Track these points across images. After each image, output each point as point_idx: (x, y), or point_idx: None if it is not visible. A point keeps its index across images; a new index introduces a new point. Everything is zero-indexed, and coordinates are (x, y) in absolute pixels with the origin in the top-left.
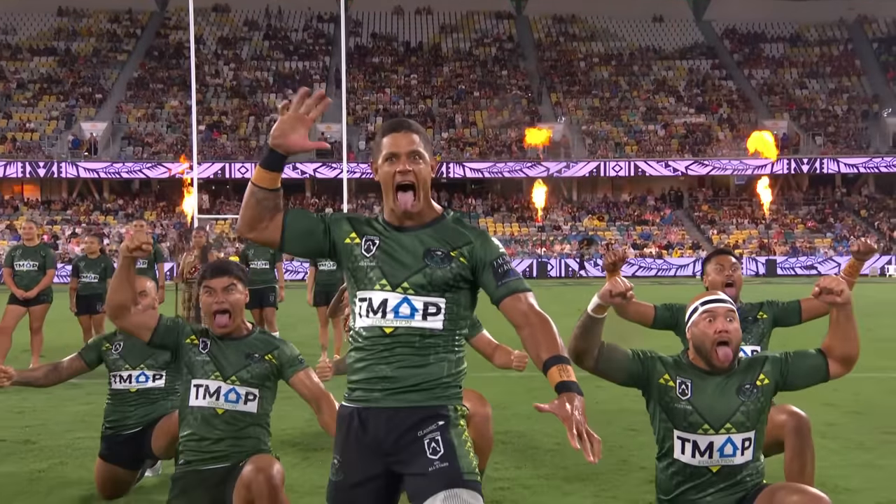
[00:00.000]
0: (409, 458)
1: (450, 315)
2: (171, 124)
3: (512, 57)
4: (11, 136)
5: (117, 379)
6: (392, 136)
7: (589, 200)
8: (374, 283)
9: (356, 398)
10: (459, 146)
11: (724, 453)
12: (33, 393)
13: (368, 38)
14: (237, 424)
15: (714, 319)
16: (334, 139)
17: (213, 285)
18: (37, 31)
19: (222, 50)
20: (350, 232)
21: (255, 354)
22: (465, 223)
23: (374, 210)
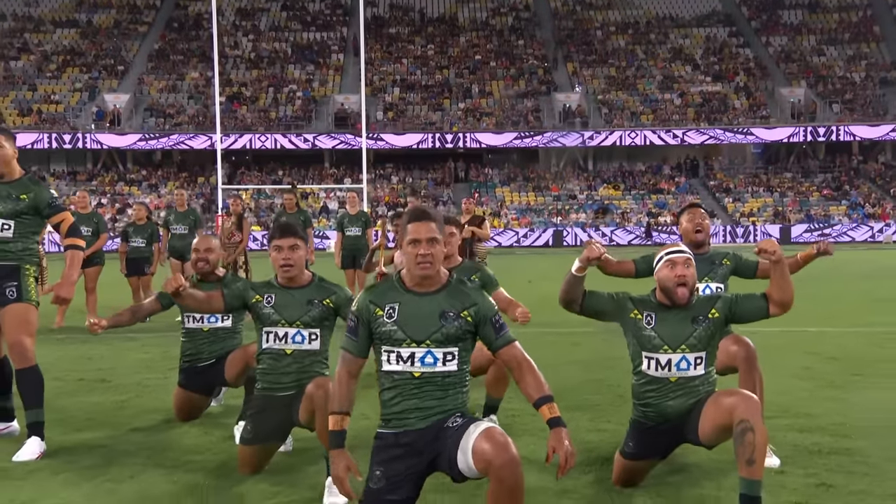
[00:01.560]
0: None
1: (461, 358)
2: (192, 95)
3: (528, 26)
4: (37, 107)
5: (190, 319)
6: (415, 225)
7: (605, 169)
8: (401, 343)
9: (394, 426)
10: (476, 116)
11: (680, 367)
12: (96, 344)
13: (386, 9)
14: (303, 361)
15: (674, 266)
16: (352, 109)
17: (281, 244)
18: (59, 2)
19: (241, 21)
20: (375, 308)
21: (314, 300)
22: (466, 284)
23: (392, 180)
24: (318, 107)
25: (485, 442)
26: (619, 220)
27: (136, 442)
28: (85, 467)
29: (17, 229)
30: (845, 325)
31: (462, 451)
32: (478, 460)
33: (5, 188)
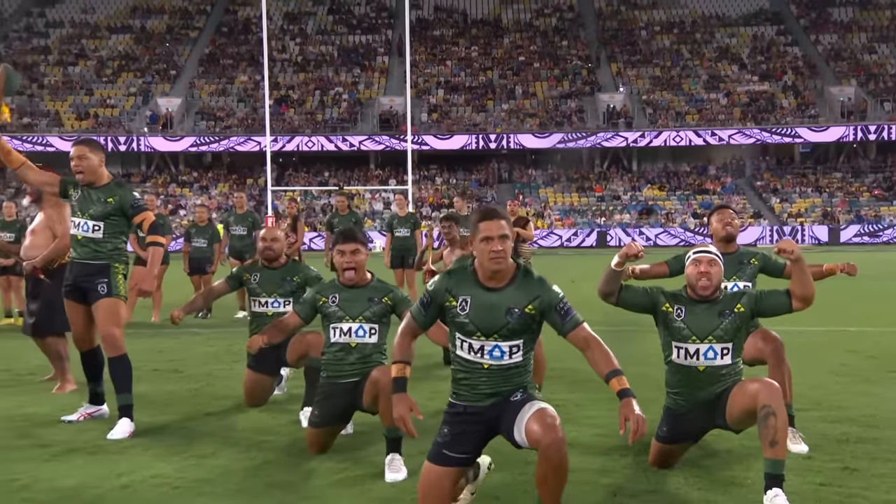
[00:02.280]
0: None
1: (525, 349)
2: (242, 99)
3: (572, 27)
4: (94, 111)
5: (256, 303)
6: (486, 223)
7: (649, 170)
8: (472, 335)
9: (463, 400)
10: (519, 117)
11: (708, 357)
12: (164, 338)
13: (430, 11)
14: (364, 352)
15: (699, 264)
16: (397, 111)
17: (344, 249)
18: (114, 9)
19: (288, 25)
20: (450, 298)
21: (374, 298)
22: (532, 276)
23: (436, 181)
24: (364, 109)
25: (536, 422)
26: (663, 221)
27: (211, 424)
28: (170, 445)
29: (107, 230)
30: (886, 325)
31: (517, 426)
32: (529, 438)
33: (95, 193)
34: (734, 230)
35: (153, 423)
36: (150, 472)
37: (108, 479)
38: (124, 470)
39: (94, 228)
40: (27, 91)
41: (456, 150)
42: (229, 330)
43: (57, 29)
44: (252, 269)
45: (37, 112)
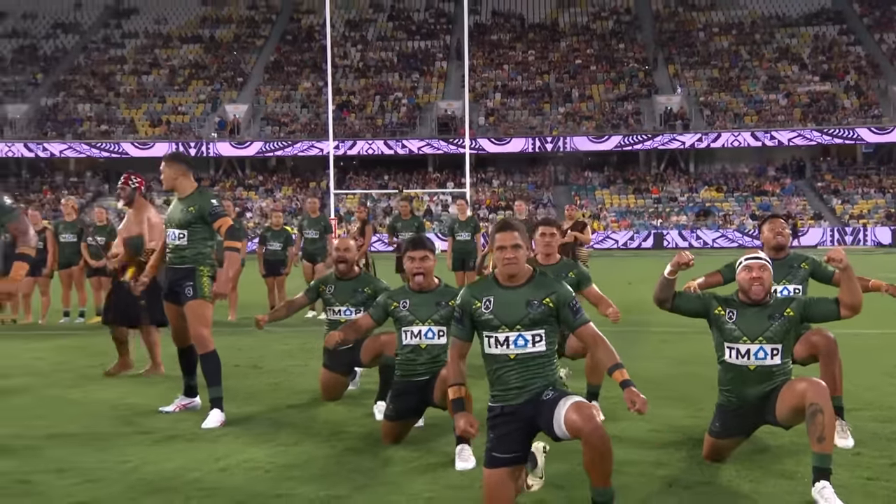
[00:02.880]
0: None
1: (548, 339)
2: (305, 104)
3: (629, 30)
4: (166, 118)
5: (331, 312)
6: (500, 235)
7: (706, 172)
8: (497, 328)
9: (499, 401)
10: (576, 120)
11: (758, 357)
12: (241, 336)
13: (488, 16)
14: (433, 352)
15: (751, 270)
16: (455, 115)
17: (414, 255)
18: (185, 20)
19: (350, 32)
20: (475, 302)
21: (442, 302)
22: (547, 277)
23: (493, 183)
24: (422, 113)
25: (574, 413)
26: (720, 223)
27: (293, 416)
28: (258, 434)
29: (190, 237)
30: None
31: (556, 420)
32: (569, 428)
33: (179, 203)
34: (784, 239)
35: (240, 414)
36: (243, 458)
37: (206, 463)
38: (220, 455)
39: (178, 236)
40: (105, 100)
41: (513, 153)
42: (302, 329)
43: (132, 39)
44: (327, 282)
45: (114, 120)
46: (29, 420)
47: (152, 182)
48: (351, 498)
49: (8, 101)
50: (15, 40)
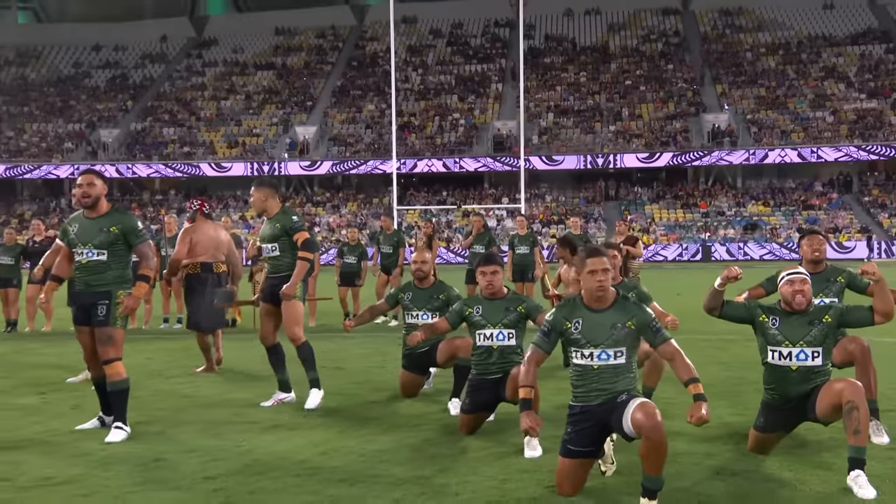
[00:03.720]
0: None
1: (628, 354)
2: (369, 125)
3: (678, 51)
4: (242, 140)
5: (409, 316)
6: (592, 260)
7: (754, 186)
8: (584, 346)
9: (580, 401)
10: (626, 138)
11: (800, 359)
12: (325, 341)
13: (541, 40)
14: (504, 353)
15: (793, 283)
16: (510, 134)
17: (486, 270)
18: (259, 49)
19: (411, 57)
20: (566, 323)
21: (511, 308)
22: (629, 301)
23: (546, 199)
24: (479, 133)
25: (638, 412)
26: (768, 236)
27: (377, 410)
28: (349, 425)
29: (281, 248)
30: None
31: (625, 420)
32: (634, 425)
33: (269, 222)
34: (822, 254)
35: (331, 408)
36: (338, 444)
37: (308, 448)
38: (319, 441)
39: (272, 249)
40: (187, 124)
41: (565, 170)
42: (377, 335)
43: (212, 68)
44: (406, 289)
45: (195, 142)
46: (151, 411)
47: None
48: (435, 478)
49: (101, 126)
50: (108, 70)
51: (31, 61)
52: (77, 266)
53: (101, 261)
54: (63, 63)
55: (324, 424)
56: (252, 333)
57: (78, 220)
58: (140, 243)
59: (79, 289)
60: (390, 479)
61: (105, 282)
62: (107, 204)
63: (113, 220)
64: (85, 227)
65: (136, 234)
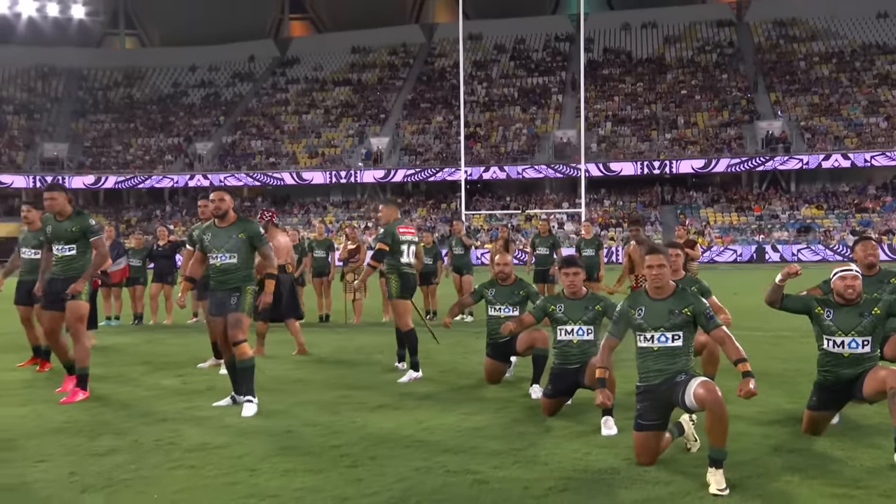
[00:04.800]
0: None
1: (685, 338)
2: (437, 136)
3: (732, 61)
4: (321, 151)
5: (492, 309)
6: (650, 257)
7: (807, 190)
8: (647, 329)
9: (643, 381)
10: (681, 145)
11: (851, 346)
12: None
13: (600, 53)
14: (583, 346)
15: (845, 279)
16: (570, 142)
17: (568, 271)
18: (337, 66)
19: (476, 71)
20: (631, 311)
21: (589, 306)
22: (687, 291)
23: (605, 203)
24: (540, 141)
25: (700, 388)
26: (822, 238)
27: (466, 394)
28: (444, 407)
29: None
30: None
31: (686, 395)
32: (696, 400)
33: (224, 230)
34: (875, 259)
35: (427, 392)
36: (438, 422)
37: (412, 425)
38: (421, 419)
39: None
40: (272, 136)
41: (622, 176)
42: (457, 330)
43: (294, 85)
44: (489, 286)
45: (279, 153)
46: (272, 394)
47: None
48: (526, 450)
49: (197, 140)
50: (203, 89)
51: (136, 82)
52: (212, 268)
53: (233, 263)
54: (164, 83)
55: (422, 406)
56: (338, 326)
57: (211, 230)
58: (263, 246)
59: (214, 286)
60: (487, 451)
61: (235, 280)
62: (234, 214)
63: (240, 227)
64: (217, 235)
65: (260, 239)
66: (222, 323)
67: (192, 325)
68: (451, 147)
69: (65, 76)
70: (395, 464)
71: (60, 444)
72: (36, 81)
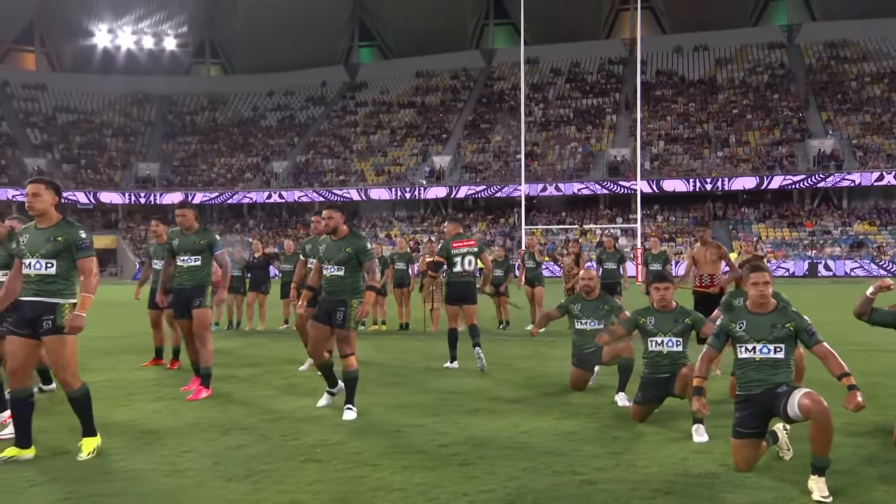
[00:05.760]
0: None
1: (786, 351)
2: (496, 154)
3: (783, 82)
4: (388, 169)
5: (578, 322)
6: (755, 274)
7: (859, 207)
8: (748, 341)
9: (743, 390)
10: (733, 163)
11: None
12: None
13: (652, 75)
14: (673, 357)
15: None
16: (624, 160)
17: (659, 286)
18: (402, 90)
19: (534, 93)
20: (731, 324)
21: (679, 319)
22: (788, 308)
23: (657, 219)
24: (595, 159)
25: (806, 399)
26: (875, 254)
27: (555, 400)
28: (536, 411)
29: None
30: None
31: (790, 405)
32: (802, 411)
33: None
34: None
35: (516, 397)
36: (534, 425)
37: (510, 428)
38: (518, 422)
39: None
40: (342, 155)
41: (675, 193)
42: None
43: (363, 107)
44: (575, 301)
45: (349, 171)
46: (373, 396)
47: (376, 220)
48: (623, 455)
49: (273, 159)
50: (279, 112)
51: (219, 106)
52: (324, 278)
53: (340, 275)
54: (244, 107)
55: (514, 410)
56: (417, 334)
57: (325, 242)
58: (368, 260)
59: (324, 296)
60: (587, 453)
61: (343, 291)
62: (346, 228)
63: (349, 242)
64: (329, 248)
65: (366, 254)
66: (322, 330)
67: (284, 330)
68: (510, 165)
69: (157, 102)
70: (504, 463)
71: (198, 437)
72: (132, 107)
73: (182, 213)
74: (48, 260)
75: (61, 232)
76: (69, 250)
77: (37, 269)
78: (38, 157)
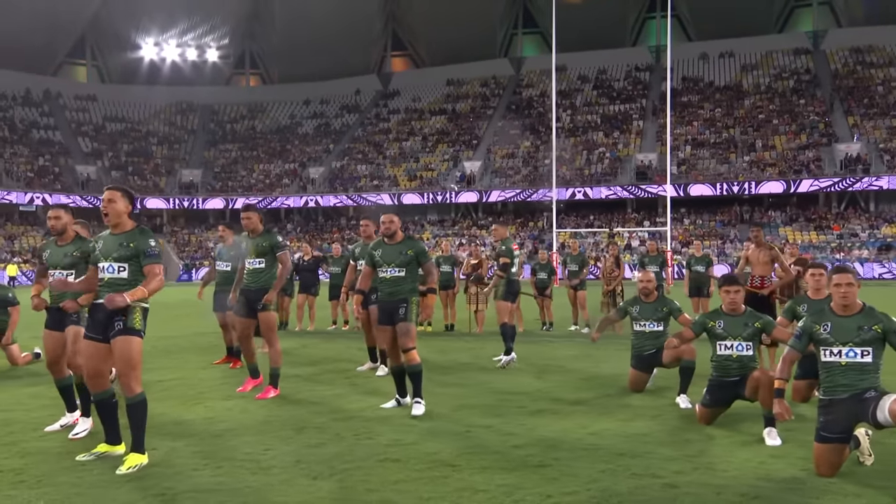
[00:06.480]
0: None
1: (874, 354)
2: (525, 160)
3: (809, 87)
4: (420, 174)
5: (638, 325)
6: (838, 276)
7: (887, 210)
8: (833, 344)
9: (828, 394)
10: (760, 167)
11: None
12: (535, 346)
13: (679, 82)
14: (743, 360)
15: None
16: (650, 165)
17: (729, 289)
18: (434, 97)
19: (562, 100)
20: (815, 326)
21: (749, 323)
22: (875, 310)
23: (684, 222)
24: (622, 164)
25: None
26: None
27: (616, 401)
28: (599, 413)
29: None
30: None
31: (880, 410)
32: (892, 416)
33: (393, 247)
34: None
35: (576, 398)
36: (601, 427)
37: (578, 429)
38: (585, 424)
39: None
40: (376, 161)
41: (702, 197)
42: (575, 339)
43: (395, 115)
44: (634, 303)
45: (382, 176)
46: (436, 397)
47: (408, 223)
48: (699, 457)
49: (310, 165)
50: (315, 120)
51: (258, 115)
52: (382, 280)
53: (401, 276)
54: (282, 115)
55: (577, 411)
56: (462, 335)
57: (381, 246)
58: (427, 262)
59: (382, 297)
60: (661, 456)
61: (403, 292)
62: (401, 233)
63: (408, 245)
64: (387, 252)
65: (425, 256)
66: (391, 331)
67: (332, 331)
68: (539, 170)
69: (199, 111)
70: (581, 465)
71: (273, 435)
72: (176, 116)
73: (247, 216)
74: (120, 264)
75: (133, 238)
76: (138, 256)
77: (109, 272)
78: (89, 165)
